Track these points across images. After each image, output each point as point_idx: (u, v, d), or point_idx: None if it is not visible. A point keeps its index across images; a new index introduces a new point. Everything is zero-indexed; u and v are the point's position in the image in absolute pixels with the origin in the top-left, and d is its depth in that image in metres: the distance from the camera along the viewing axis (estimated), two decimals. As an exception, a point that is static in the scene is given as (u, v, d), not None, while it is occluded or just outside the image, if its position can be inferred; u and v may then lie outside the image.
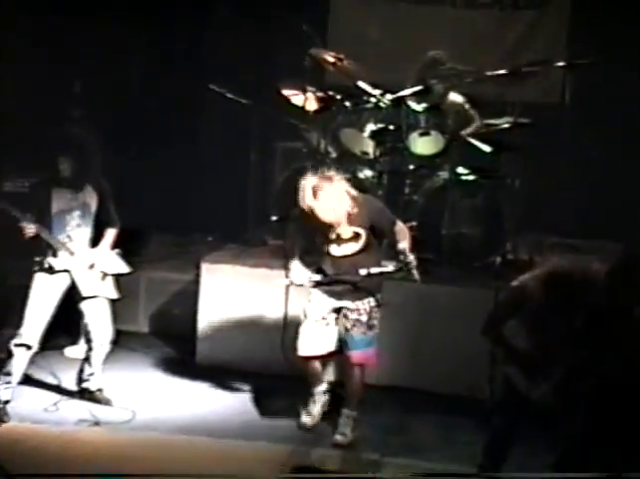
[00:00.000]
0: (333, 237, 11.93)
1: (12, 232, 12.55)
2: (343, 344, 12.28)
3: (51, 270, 12.49)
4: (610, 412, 9.60)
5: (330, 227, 11.81)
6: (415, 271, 11.64)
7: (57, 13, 15.54)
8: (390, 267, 11.76)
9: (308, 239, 12.32)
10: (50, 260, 12.45)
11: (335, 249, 12.01)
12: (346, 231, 11.89)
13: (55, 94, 15.94)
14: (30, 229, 12.14)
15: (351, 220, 11.80)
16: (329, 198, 11.62)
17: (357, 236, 11.93)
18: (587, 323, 10.48)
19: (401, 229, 12.03)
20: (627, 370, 9.96)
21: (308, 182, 11.86)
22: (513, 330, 10.56)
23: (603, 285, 10.53)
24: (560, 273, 10.43)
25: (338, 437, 12.43)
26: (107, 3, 15.50)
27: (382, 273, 11.79)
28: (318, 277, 12.16)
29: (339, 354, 12.53)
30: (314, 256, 12.38)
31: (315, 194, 11.64)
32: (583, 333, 10.51)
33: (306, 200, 11.70)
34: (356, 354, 12.20)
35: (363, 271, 11.66)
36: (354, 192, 11.87)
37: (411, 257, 11.61)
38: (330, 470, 11.31)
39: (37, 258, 12.55)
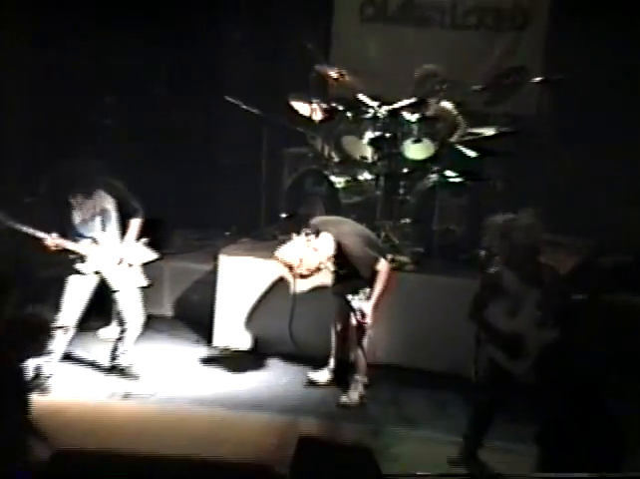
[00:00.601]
0: None
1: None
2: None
3: (82, 271, 12.56)
4: (583, 386, 9.67)
5: None
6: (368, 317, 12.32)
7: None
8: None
9: None
10: (79, 266, 12.61)
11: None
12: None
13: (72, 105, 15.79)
14: (55, 245, 12.26)
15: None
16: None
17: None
18: (557, 307, 10.62)
19: (381, 271, 12.37)
20: (592, 348, 10.08)
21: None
22: (495, 315, 10.67)
23: (570, 274, 10.67)
24: (532, 263, 10.58)
25: (344, 398, 12.74)
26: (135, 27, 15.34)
27: None
28: None
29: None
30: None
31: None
32: (554, 316, 10.64)
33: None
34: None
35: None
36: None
37: (368, 305, 12.31)
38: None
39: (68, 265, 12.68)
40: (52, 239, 12.26)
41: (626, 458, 9.28)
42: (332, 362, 13.21)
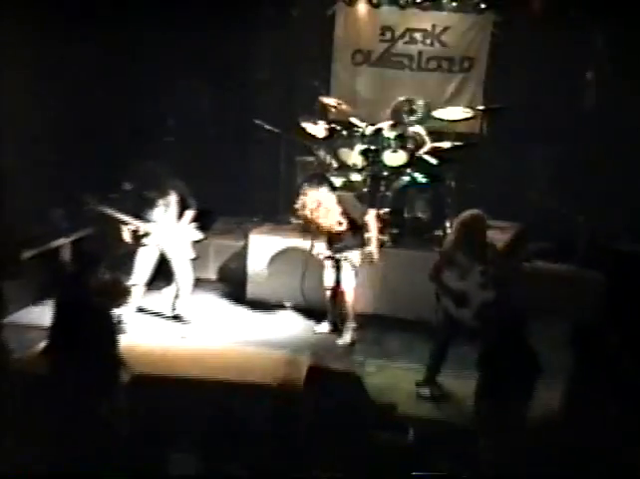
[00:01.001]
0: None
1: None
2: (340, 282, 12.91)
3: (149, 245, 12.95)
4: (510, 329, 9.90)
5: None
6: (374, 253, 12.70)
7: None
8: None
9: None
10: (147, 242, 13.03)
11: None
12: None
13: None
14: (132, 226, 12.76)
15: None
16: (324, 212, 12.47)
17: (341, 223, 12.49)
18: (492, 273, 10.91)
19: (369, 220, 12.78)
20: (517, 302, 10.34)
21: (309, 199, 12.58)
22: (448, 278, 11.00)
23: (503, 250, 11.01)
24: (468, 228, 10.92)
25: (340, 340, 13.16)
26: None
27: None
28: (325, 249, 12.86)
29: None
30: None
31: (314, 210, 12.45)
32: (491, 279, 10.92)
33: (307, 213, 12.59)
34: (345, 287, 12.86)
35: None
36: (336, 200, 12.65)
37: (372, 246, 12.69)
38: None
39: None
40: (130, 221, 12.76)
41: (538, 377, 9.60)
42: (329, 316, 13.48)
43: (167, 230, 13.09)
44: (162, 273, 13.82)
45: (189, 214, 13.15)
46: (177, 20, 15.16)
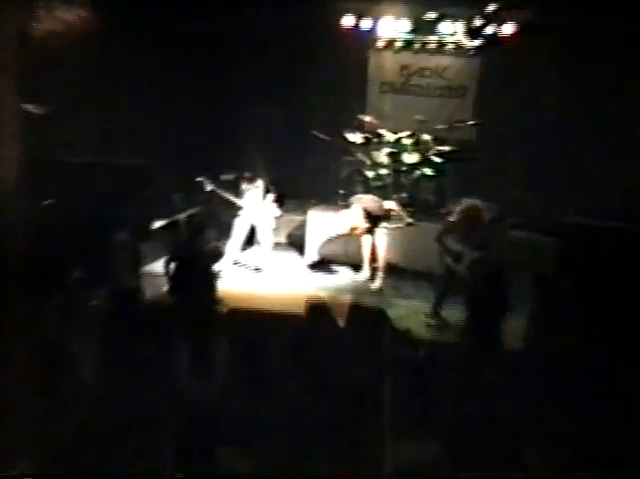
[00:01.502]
0: None
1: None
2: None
3: (241, 217, 13.01)
4: (493, 279, 9.94)
5: None
6: (405, 219, 12.66)
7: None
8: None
9: None
10: (241, 214, 13.10)
11: None
12: None
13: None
14: (233, 200, 12.95)
15: None
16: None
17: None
18: (481, 240, 10.92)
19: (391, 205, 13.38)
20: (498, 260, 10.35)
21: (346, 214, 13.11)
22: (449, 242, 11.05)
23: (488, 224, 11.04)
24: (468, 214, 10.94)
25: (372, 285, 13.22)
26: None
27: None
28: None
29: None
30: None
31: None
32: (479, 244, 10.94)
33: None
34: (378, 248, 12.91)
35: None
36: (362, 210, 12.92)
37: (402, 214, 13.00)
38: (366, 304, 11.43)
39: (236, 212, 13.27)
40: (232, 198, 13.11)
41: (508, 312, 9.68)
42: (365, 268, 13.49)
43: (256, 206, 13.29)
44: (251, 239, 13.91)
45: (271, 196, 13.34)
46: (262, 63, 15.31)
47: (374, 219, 12.99)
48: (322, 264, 14.28)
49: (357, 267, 13.69)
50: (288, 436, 7.16)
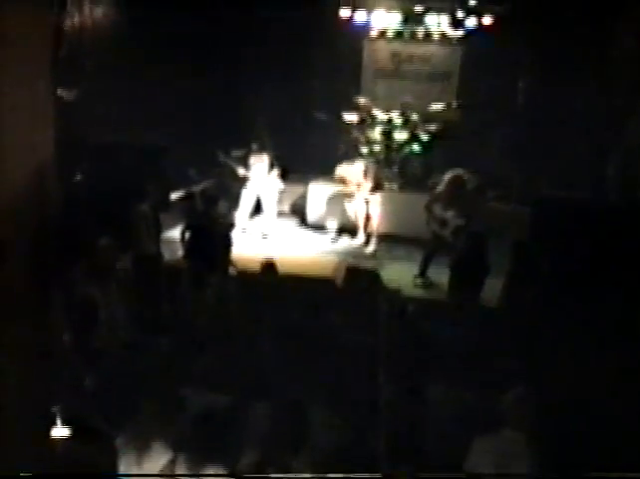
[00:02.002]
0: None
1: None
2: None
3: (249, 189, 13.14)
4: (475, 240, 10.09)
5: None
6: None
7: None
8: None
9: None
10: (248, 186, 13.31)
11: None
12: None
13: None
14: (241, 172, 13.03)
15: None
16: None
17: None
18: (464, 208, 11.05)
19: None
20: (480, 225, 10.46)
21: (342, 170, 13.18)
22: (436, 209, 11.22)
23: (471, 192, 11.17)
24: (453, 183, 11.06)
25: (366, 250, 13.30)
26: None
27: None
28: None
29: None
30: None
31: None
32: (463, 212, 11.07)
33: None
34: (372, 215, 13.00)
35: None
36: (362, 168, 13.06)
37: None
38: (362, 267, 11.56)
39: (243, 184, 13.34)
40: (240, 171, 13.15)
41: (487, 274, 9.83)
42: (360, 234, 13.60)
43: (262, 179, 13.45)
44: (258, 208, 14.08)
45: (275, 170, 13.50)
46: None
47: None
48: (321, 230, 14.34)
49: (353, 233, 13.77)
50: (291, 383, 7.16)
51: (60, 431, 4.64)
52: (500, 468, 5.89)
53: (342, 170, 13.29)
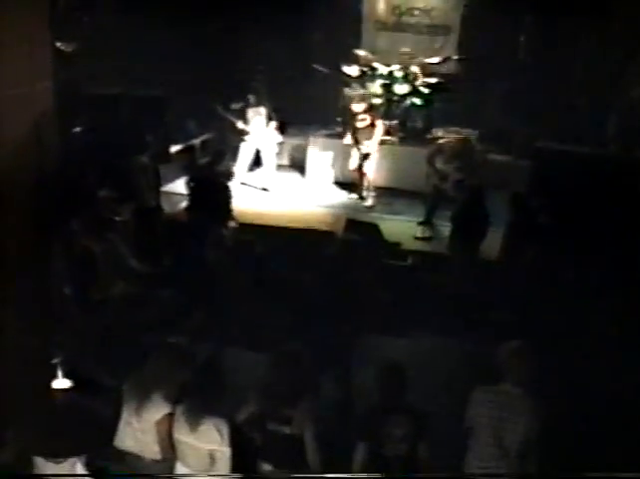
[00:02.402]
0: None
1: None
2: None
3: (248, 142, 13.11)
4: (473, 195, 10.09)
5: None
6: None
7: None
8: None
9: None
10: (247, 139, 13.21)
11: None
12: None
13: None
14: (239, 125, 12.87)
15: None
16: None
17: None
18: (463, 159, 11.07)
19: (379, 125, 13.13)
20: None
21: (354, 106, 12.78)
22: (437, 163, 11.26)
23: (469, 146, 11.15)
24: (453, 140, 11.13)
25: (365, 203, 13.21)
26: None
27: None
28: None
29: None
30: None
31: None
32: (461, 167, 11.07)
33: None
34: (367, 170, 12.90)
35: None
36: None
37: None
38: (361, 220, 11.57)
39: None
40: (239, 124, 13.05)
41: (488, 226, 9.83)
42: (358, 188, 13.54)
43: (261, 132, 13.35)
44: (257, 161, 13.99)
45: (274, 123, 13.42)
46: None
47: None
48: (320, 183, 14.30)
49: (352, 187, 13.73)
50: (290, 335, 7.16)
51: (61, 383, 4.61)
52: (498, 421, 5.95)
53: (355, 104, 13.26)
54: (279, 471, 6.15)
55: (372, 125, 12.98)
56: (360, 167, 13.17)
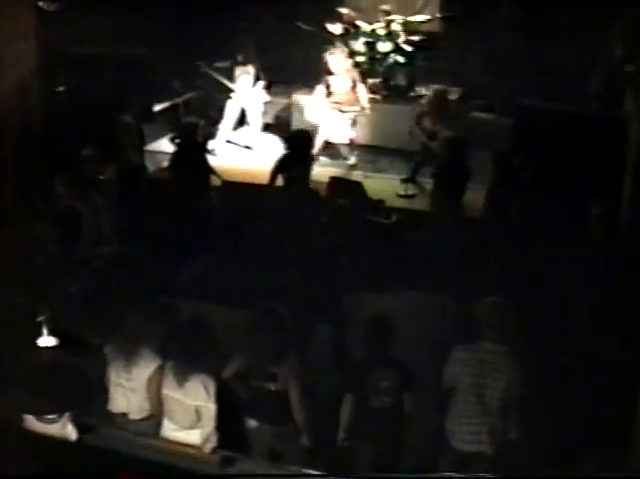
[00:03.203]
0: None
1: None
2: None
3: (233, 101, 13.03)
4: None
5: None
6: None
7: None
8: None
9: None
10: (233, 97, 13.07)
11: None
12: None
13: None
14: (226, 83, 12.79)
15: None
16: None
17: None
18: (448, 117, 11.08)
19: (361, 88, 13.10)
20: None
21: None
22: (425, 122, 11.38)
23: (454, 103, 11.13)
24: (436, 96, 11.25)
25: (349, 162, 12.97)
26: None
27: None
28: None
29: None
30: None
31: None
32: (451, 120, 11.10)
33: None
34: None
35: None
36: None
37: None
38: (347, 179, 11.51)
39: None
40: (225, 82, 13.07)
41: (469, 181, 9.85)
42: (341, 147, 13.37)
43: (246, 90, 13.26)
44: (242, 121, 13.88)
45: (260, 82, 13.36)
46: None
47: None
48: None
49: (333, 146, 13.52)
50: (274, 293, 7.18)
51: (47, 340, 4.65)
52: (478, 378, 6.02)
53: (330, 58, 13.16)
54: (266, 427, 6.24)
55: (353, 88, 12.95)
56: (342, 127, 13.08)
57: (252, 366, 6.15)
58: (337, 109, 12.96)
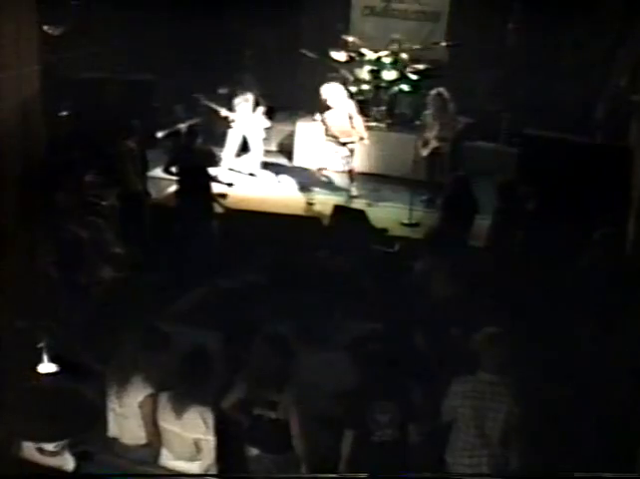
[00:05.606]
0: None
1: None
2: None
3: (235, 127, 13.16)
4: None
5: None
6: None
7: None
8: None
9: None
10: (233, 126, 13.21)
11: None
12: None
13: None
14: (224, 113, 12.96)
15: None
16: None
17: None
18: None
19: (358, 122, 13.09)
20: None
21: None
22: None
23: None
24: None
25: (350, 193, 12.93)
26: None
27: None
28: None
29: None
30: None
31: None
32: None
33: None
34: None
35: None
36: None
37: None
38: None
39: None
40: (223, 112, 13.03)
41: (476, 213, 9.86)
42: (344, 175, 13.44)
43: (247, 118, 13.30)
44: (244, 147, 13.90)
45: (261, 109, 13.39)
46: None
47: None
48: (306, 170, 14.09)
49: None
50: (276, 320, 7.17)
51: (47, 367, 4.66)
52: (478, 410, 6.00)
53: (326, 89, 13.18)
54: (266, 455, 6.20)
55: (351, 119, 12.95)
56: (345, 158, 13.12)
57: (253, 395, 6.12)
58: (335, 142, 13.03)
